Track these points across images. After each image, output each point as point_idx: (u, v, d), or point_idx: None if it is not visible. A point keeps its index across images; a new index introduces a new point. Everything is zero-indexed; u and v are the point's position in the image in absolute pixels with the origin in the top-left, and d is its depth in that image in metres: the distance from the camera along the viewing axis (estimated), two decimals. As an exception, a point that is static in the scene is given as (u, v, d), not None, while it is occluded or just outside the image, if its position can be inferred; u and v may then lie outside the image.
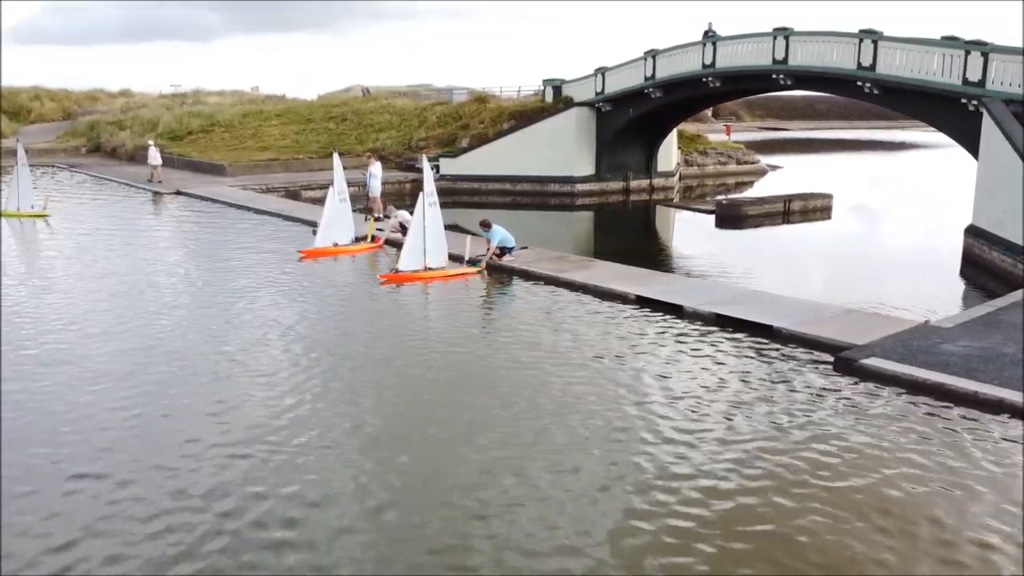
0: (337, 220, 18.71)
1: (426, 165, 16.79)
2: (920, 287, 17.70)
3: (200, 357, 10.93)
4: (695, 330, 12.26)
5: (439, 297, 14.86)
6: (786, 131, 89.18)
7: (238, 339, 11.78)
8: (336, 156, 19.81)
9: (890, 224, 29.18)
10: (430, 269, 16.02)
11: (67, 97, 58.57)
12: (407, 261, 15.89)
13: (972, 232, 20.45)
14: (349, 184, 31.47)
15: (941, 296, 17.24)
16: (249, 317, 13.01)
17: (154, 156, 32.77)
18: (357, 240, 19.17)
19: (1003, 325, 11.77)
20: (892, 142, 75.93)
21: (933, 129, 25.61)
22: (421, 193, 16.39)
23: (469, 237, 17.36)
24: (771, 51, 26.74)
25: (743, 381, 10.08)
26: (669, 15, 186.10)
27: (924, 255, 22.76)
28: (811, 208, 28.92)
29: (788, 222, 27.68)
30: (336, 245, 18.54)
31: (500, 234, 16.96)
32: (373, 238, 19.53)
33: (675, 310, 13.23)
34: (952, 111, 22.04)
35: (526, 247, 17.70)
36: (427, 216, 16.07)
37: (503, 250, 16.91)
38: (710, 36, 29.45)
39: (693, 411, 9.08)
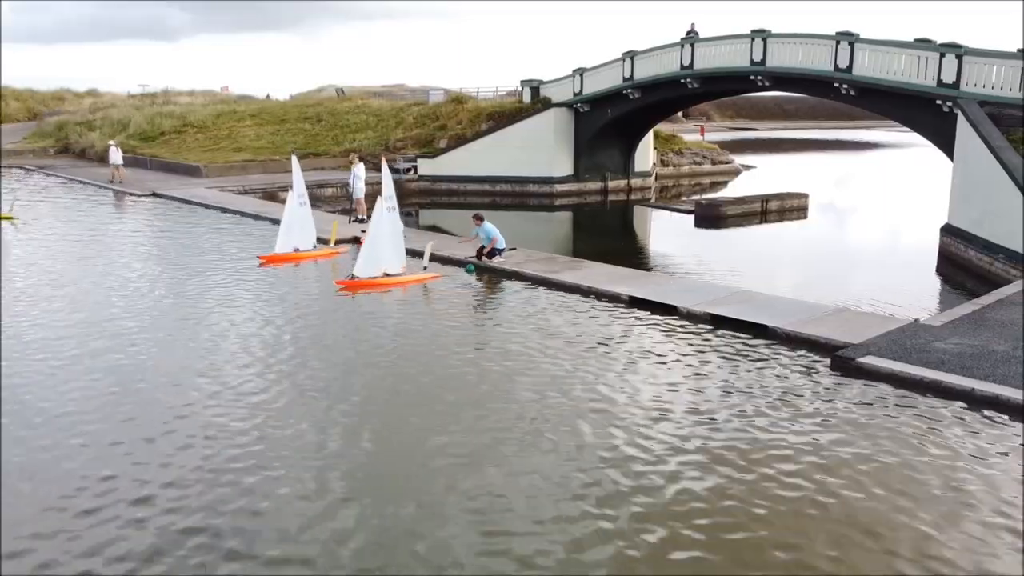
0: (297, 225, 18.11)
1: (385, 167, 16.34)
2: (901, 285, 18.00)
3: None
4: (691, 331, 12.37)
5: (436, 302, 14.74)
6: (756, 131, 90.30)
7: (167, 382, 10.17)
8: (295, 159, 19.14)
9: (865, 223, 29.66)
10: (388, 275, 15.57)
11: (32, 97, 57.47)
12: (364, 267, 15.33)
13: (948, 231, 20.89)
14: (331, 185, 31.71)
15: (923, 294, 17.62)
16: (192, 337, 12.05)
17: (115, 156, 32.89)
18: (321, 241, 18.76)
19: (990, 323, 12.03)
20: (860, 142, 77.24)
21: (899, 128, 26.14)
22: (379, 197, 15.91)
23: (430, 242, 17.11)
24: (749, 53, 27.07)
25: (744, 381, 10.17)
26: (647, 16, 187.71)
27: (900, 254, 23.22)
28: (788, 208, 29.33)
29: (766, 221, 28.05)
30: (297, 251, 17.97)
31: (492, 231, 16.96)
32: (357, 240, 19.32)
33: (669, 310, 13.33)
34: (927, 112, 22.51)
35: (515, 248, 17.71)
36: (385, 221, 15.59)
37: (493, 251, 16.92)
38: (691, 37, 29.72)
39: (697, 413, 9.16)
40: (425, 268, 16.24)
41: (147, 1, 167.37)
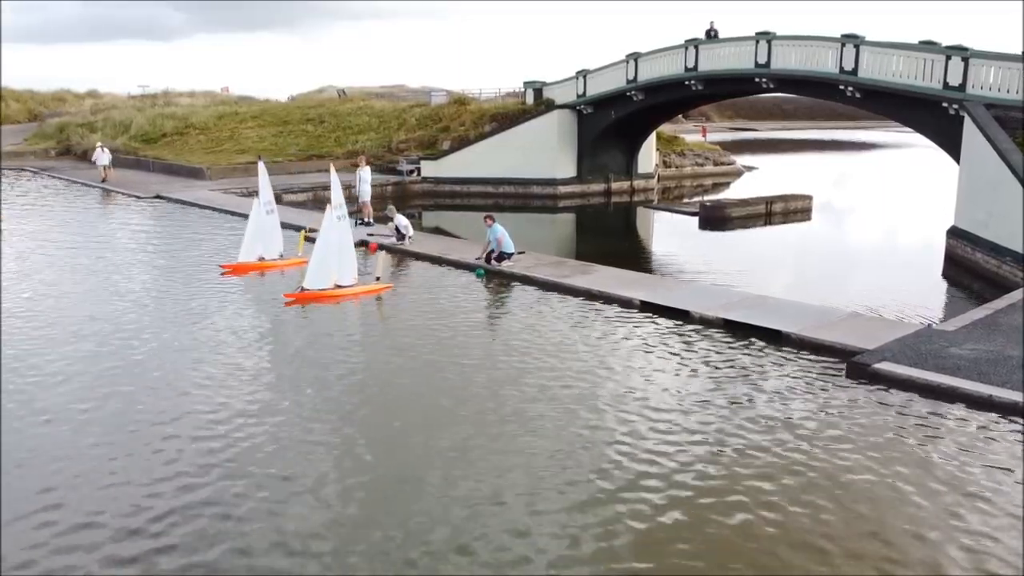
0: (263, 233, 17.45)
1: (333, 174, 15.58)
2: (909, 288, 18.04)
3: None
4: (705, 336, 12.38)
5: (447, 307, 14.73)
6: (755, 131, 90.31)
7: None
8: (261, 164, 18.25)
9: (870, 225, 29.63)
10: (340, 287, 15.06)
11: (32, 98, 57.33)
12: (314, 279, 14.68)
13: (954, 233, 20.90)
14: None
15: (932, 298, 17.69)
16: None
17: (101, 156, 33.55)
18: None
19: (1003, 328, 12.06)
20: (859, 142, 77.25)
21: (898, 128, 26.13)
22: (328, 206, 15.17)
23: (382, 253, 16.61)
24: (754, 55, 27.08)
25: (762, 389, 10.18)
26: (650, 16, 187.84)
27: (906, 256, 23.25)
28: (792, 209, 29.35)
29: (770, 223, 28.05)
30: (262, 259, 17.43)
31: (497, 232, 16.97)
32: (364, 244, 19.29)
33: (681, 315, 13.35)
34: (933, 114, 22.50)
35: (523, 252, 17.70)
36: (336, 230, 14.97)
37: (503, 255, 16.93)
38: (712, 36, 29.80)
39: (719, 420, 9.18)
40: (378, 279, 15.67)
41: (143, 1, 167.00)
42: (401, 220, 19.38)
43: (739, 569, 6.35)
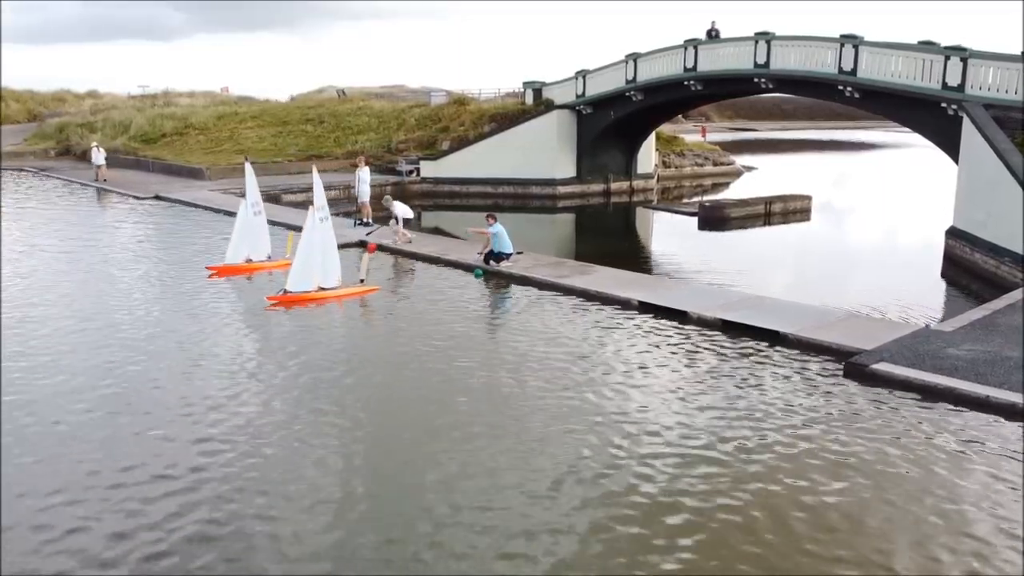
0: (250, 234, 17.28)
1: (316, 176, 15.38)
2: (908, 288, 18.05)
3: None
4: (703, 336, 12.38)
5: (446, 309, 14.72)
6: (755, 131, 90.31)
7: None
8: (248, 165, 17.99)
9: (869, 225, 29.65)
10: (323, 289, 14.87)
11: (32, 98, 57.27)
12: (298, 281, 14.46)
13: (953, 234, 20.92)
14: (334, 187, 31.63)
15: (930, 298, 17.69)
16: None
17: (97, 156, 34.00)
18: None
19: (1001, 328, 12.06)
20: (858, 142, 77.26)
21: (897, 128, 26.10)
22: (311, 207, 14.96)
23: (366, 255, 16.51)
24: (753, 55, 27.10)
25: (758, 390, 10.19)
26: (650, 16, 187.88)
27: (904, 256, 23.28)
28: (791, 210, 29.36)
29: (769, 224, 28.05)
30: (249, 261, 17.24)
31: (500, 231, 16.96)
32: (364, 244, 19.26)
33: (679, 316, 13.35)
34: (931, 115, 22.51)
35: (522, 252, 17.70)
36: (319, 232, 14.77)
37: (501, 255, 16.92)
38: (713, 36, 29.82)
39: (716, 420, 9.19)
40: (362, 281, 15.56)
41: (143, 1, 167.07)
42: (399, 208, 19.40)
43: (739, 569, 6.35)
